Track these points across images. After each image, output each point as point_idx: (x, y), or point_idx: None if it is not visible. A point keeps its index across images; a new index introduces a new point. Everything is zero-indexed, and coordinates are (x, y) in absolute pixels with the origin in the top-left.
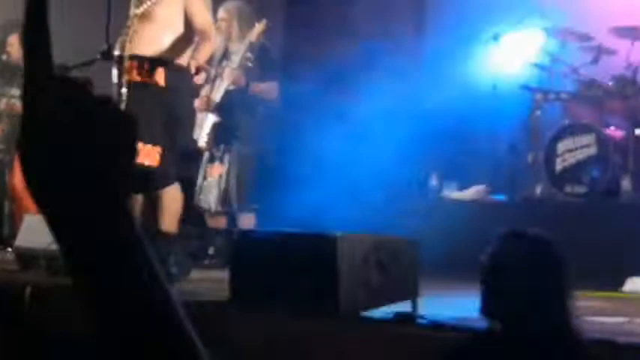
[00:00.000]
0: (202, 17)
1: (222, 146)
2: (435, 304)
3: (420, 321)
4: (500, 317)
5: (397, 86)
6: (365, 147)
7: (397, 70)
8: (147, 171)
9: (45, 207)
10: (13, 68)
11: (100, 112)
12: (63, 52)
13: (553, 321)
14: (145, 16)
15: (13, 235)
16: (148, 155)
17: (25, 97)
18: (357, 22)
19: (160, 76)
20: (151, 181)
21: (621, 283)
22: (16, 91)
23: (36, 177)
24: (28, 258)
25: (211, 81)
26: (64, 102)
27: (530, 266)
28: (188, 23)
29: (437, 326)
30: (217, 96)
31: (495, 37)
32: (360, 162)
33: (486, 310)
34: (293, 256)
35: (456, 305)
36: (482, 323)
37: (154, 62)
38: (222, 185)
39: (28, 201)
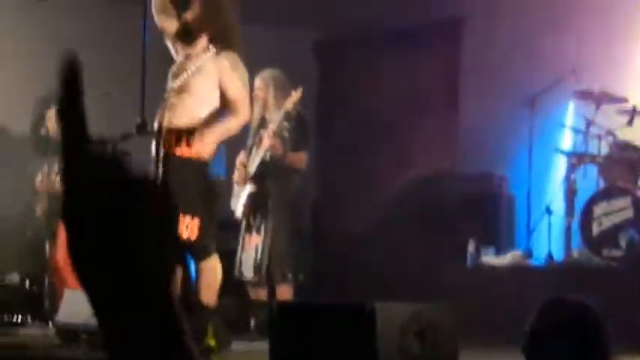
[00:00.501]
0: (235, 90)
1: (258, 215)
2: None
3: None
4: None
5: (433, 153)
6: (402, 215)
7: (433, 136)
8: (186, 243)
9: (83, 278)
10: (52, 142)
11: (137, 186)
12: (98, 125)
13: None
14: (181, 89)
15: (54, 309)
16: (187, 227)
17: (63, 172)
18: (390, 91)
19: (199, 148)
20: (190, 253)
21: None
22: (55, 167)
23: (77, 249)
24: (68, 333)
25: (248, 149)
26: (101, 176)
27: (573, 334)
28: (223, 95)
29: None
30: (253, 166)
31: (531, 102)
32: (398, 230)
33: None
34: (332, 326)
35: None
36: None
37: (192, 134)
38: (260, 256)
39: (68, 275)
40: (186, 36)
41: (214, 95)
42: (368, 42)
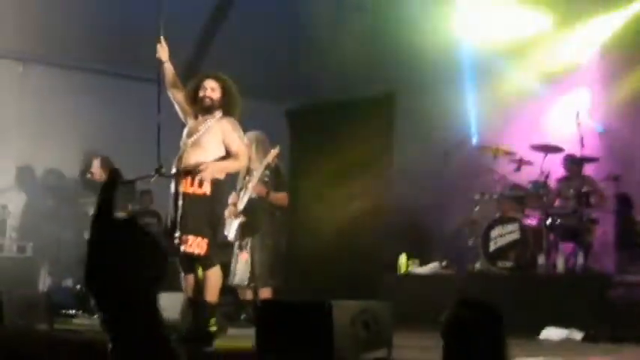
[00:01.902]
0: (236, 145)
1: (247, 239)
2: (404, 352)
3: None
4: None
5: (376, 193)
6: (354, 238)
7: (375, 181)
8: (197, 257)
9: (100, 304)
10: (96, 184)
11: (142, 243)
12: (126, 167)
13: None
14: (194, 144)
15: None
16: (198, 246)
17: (92, 234)
18: (343, 148)
19: (206, 187)
20: (199, 264)
21: (538, 332)
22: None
23: (95, 287)
24: None
25: (237, 191)
26: (116, 237)
27: (476, 326)
28: (226, 148)
29: None
30: (242, 204)
31: (445, 154)
32: (351, 248)
33: (445, 356)
34: (301, 318)
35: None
36: None
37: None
38: (249, 268)
39: None
40: (208, 109)
41: (219, 148)
42: (327, 110)
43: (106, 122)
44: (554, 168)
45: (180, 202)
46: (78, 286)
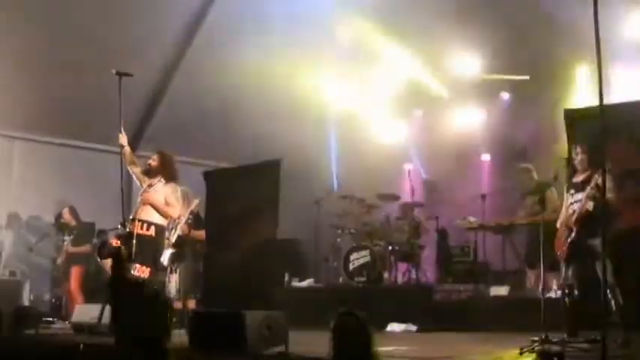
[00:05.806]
0: (173, 203)
1: (176, 263)
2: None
3: (291, 356)
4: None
5: (264, 229)
6: (251, 263)
7: (267, 218)
8: (141, 281)
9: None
10: (65, 226)
11: (152, 302)
12: (89, 213)
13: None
14: (144, 201)
15: (68, 315)
16: (143, 272)
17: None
18: (241, 199)
19: (152, 231)
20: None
21: (385, 326)
22: (67, 238)
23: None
24: (79, 327)
25: (169, 230)
26: (132, 297)
27: (356, 328)
28: (166, 203)
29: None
30: (173, 239)
31: (317, 202)
32: (248, 269)
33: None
34: (221, 324)
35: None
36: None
37: (150, 223)
38: (178, 285)
39: (76, 298)
40: (150, 174)
41: (161, 204)
42: (231, 172)
43: (74, 182)
44: (394, 209)
45: (133, 241)
46: (54, 300)
